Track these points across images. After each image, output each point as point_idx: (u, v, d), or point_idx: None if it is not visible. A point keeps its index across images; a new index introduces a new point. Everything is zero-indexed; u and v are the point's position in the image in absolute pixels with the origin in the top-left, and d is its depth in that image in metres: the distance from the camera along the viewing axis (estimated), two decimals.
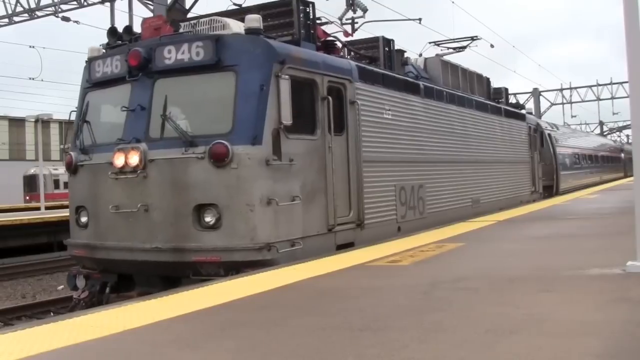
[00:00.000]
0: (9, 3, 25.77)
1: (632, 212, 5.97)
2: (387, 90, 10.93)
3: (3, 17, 25.95)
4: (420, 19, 16.18)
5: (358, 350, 3.69)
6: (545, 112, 50.44)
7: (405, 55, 13.30)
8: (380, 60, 11.86)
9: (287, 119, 8.02)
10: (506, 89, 19.07)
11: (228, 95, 8.06)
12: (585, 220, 11.52)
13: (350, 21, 13.05)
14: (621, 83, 48.53)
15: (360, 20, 13.14)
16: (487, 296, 5.22)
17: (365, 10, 13.11)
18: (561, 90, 52.75)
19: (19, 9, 25.54)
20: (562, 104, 53.02)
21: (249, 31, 8.36)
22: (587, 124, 62.90)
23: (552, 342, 3.71)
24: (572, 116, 54.50)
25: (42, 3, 24.99)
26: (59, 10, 24.84)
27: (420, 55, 15.04)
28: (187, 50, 8.18)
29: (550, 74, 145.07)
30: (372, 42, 12.21)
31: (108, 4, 23.47)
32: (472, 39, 16.92)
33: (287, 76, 8.09)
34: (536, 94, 50.42)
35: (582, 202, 16.84)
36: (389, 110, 10.88)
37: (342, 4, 12.93)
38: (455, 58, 15.99)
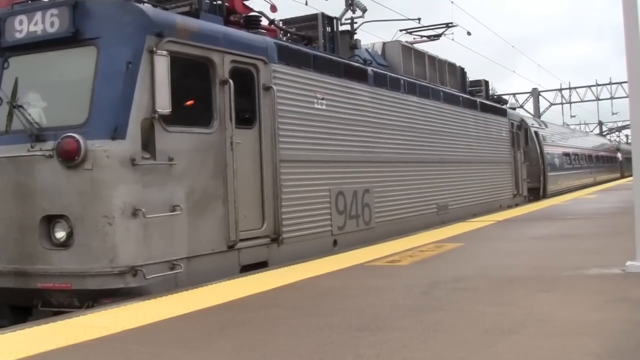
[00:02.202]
0: None
1: (630, 212, 5.92)
2: (321, 76, 8.92)
3: None
4: (419, 19, 16.03)
5: (357, 350, 3.62)
6: (544, 112, 50.04)
7: (356, 37, 11.49)
8: (319, 42, 9.86)
9: (163, 106, 6.25)
10: (486, 82, 17.15)
11: (86, 75, 6.32)
12: (584, 221, 11.20)
13: (349, 21, 13.03)
14: (620, 83, 48.15)
15: (359, 20, 13.08)
16: (487, 296, 5.11)
17: (364, 10, 12.96)
18: (560, 90, 52.47)
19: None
20: (562, 104, 52.62)
21: None
22: (587, 124, 62.52)
23: (551, 342, 3.65)
24: (572, 116, 54.01)
25: None
26: None
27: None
28: (40, 21, 6.47)
29: (550, 74, 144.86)
30: (310, 21, 10.22)
31: None
32: (447, 25, 15.24)
33: (165, 52, 6.34)
34: (535, 94, 50.11)
35: (580, 203, 16.32)
36: (323, 99, 8.90)
37: (342, 4, 12.91)
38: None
